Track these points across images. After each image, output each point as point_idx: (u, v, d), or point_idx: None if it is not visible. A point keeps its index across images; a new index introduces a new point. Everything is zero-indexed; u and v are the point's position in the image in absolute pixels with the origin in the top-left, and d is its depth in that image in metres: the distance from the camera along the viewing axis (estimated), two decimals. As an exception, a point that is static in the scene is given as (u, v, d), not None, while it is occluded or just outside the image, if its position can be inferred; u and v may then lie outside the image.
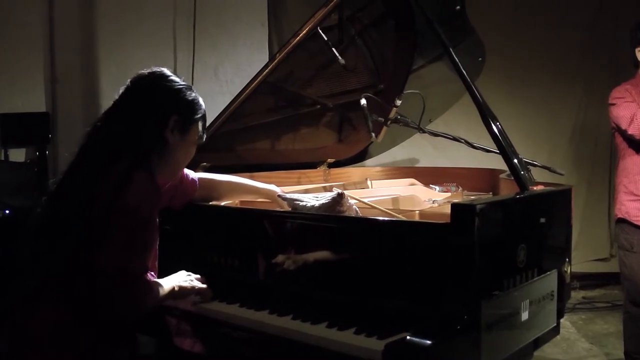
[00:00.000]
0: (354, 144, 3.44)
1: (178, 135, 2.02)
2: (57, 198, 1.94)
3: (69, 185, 1.93)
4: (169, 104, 2.01)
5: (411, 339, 1.61)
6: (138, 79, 2.05)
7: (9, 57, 4.41)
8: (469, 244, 1.68)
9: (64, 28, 4.56)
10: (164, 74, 2.06)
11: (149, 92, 2.02)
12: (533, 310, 1.94)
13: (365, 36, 3.11)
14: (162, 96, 2.02)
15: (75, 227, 1.82)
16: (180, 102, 2.04)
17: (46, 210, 1.94)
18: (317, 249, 2.00)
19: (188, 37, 4.65)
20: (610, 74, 5.07)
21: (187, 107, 2.05)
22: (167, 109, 2.01)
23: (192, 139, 2.08)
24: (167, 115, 2.00)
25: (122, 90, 2.04)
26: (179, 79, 2.08)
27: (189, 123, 2.05)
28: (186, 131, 2.05)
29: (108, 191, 1.82)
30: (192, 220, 2.40)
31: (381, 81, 3.18)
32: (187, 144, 2.08)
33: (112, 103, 2.03)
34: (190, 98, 2.06)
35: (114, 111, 2.02)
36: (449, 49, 2.40)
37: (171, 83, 2.04)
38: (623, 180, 3.46)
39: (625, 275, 3.49)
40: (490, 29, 4.27)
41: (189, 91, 2.07)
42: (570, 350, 4.21)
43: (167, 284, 2.02)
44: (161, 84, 2.03)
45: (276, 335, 1.88)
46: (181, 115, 2.02)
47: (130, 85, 2.03)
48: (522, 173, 2.18)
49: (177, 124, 2.01)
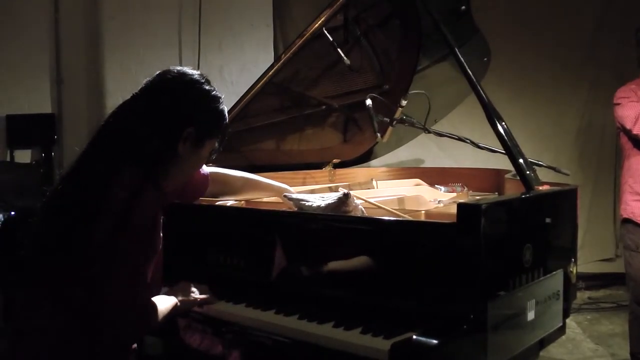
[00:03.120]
0: (359, 145, 3.44)
1: (190, 148, 1.87)
2: (59, 206, 1.80)
3: (72, 193, 1.78)
4: (190, 114, 1.85)
5: (417, 338, 1.61)
6: (165, 78, 1.87)
7: (15, 58, 4.43)
8: (475, 244, 1.68)
9: (69, 29, 4.58)
10: (195, 79, 1.89)
11: (172, 96, 1.85)
12: (539, 310, 1.94)
13: (371, 36, 3.11)
14: (186, 105, 1.85)
15: (78, 242, 1.70)
16: (203, 115, 1.88)
17: (49, 218, 1.80)
18: (323, 249, 2.00)
19: (193, 37, 4.67)
20: (615, 74, 5.05)
21: (210, 121, 1.90)
22: (187, 120, 1.84)
23: (205, 153, 1.94)
24: (184, 126, 1.84)
25: (146, 84, 1.88)
26: (210, 87, 1.91)
27: (206, 137, 1.90)
28: (201, 145, 1.90)
29: (117, 210, 1.70)
30: (198, 220, 2.41)
31: (386, 81, 3.18)
32: (197, 158, 1.94)
33: (131, 96, 1.87)
34: (217, 112, 1.91)
35: (131, 107, 1.85)
36: (455, 49, 2.40)
37: (201, 92, 1.88)
38: (628, 180, 3.46)
39: (631, 276, 3.48)
40: (495, 29, 4.26)
41: (216, 104, 1.91)
42: (576, 351, 4.20)
43: (168, 302, 1.95)
44: (188, 91, 1.87)
45: (282, 335, 1.87)
46: (200, 128, 1.86)
47: (155, 81, 1.88)
48: (527, 173, 2.18)
49: (191, 136, 1.85)
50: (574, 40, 5.36)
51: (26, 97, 4.46)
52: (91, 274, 1.71)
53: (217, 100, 1.92)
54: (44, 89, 4.54)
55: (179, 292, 2.03)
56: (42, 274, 1.78)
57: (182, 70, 1.90)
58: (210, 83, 1.93)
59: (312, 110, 3.25)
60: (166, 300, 1.96)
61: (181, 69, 1.91)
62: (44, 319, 1.75)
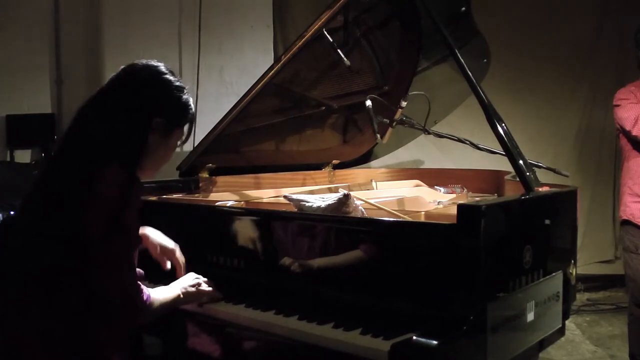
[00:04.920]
0: (359, 146, 3.45)
1: (159, 138, 1.91)
2: (42, 201, 1.82)
3: (53, 190, 1.81)
4: (157, 105, 1.89)
5: (417, 339, 1.61)
6: (131, 71, 1.92)
7: (15, 58, 4.43)
8: (475, 245, 1.69)
9: (69, 30, 4.59)
10: (159, 70, 1.93)
11: (138, 87, 1.89)
12: (538, 312, 1.94)
13: (371, 37, 3.11)
14: (152, 95, 1.90)
15: (67, 239, 1.74)
16: (169, 105, 1.92)
17: (31, 214, 1.83)
18: (323, 250, 2.00)
19: (193, 39, 4.67)
20: (615, 76, 5.07)
21: (176, 110, 1.94)
22: (155, 110, 1.88)
23: (173, 143, 1.97)
24: (153, 116, 1.88)
25: (112, 79, 1.92)
26: (174, 78, 1.95)
27: (174, 126, 1.94)
28: (169, 134, 1.94)
29: (104, 205, 1.73)
30: (198, 220, 2.41)
31: (386, 83, 3.18)
32: (165, 147, 1.96)
33: (97, 92, 1.91)
34: (181, 101, 1.94)
35: (100, 104, 1.89)
36: (455, 50, 2.40)
37: (164, 82, 1.92)
38: (628, 182, 3.46)
39: (630, 277, 3.48)
40: (495, 30, 4.27)
41: (180, 93, 1.94)
42: (575, 353, 4.20)
43: (171, 291, 1.99)
44: (152, 82, 1.91)
45: (282, 335, 1.88)
46: (167, 117, 1.91)
47: (121, 76, 1.91)
48: (527, 174, 2.18)
49: (160, 126, 1.89)
50: (574, 42, 5.37)
51: (26, 97, 4.46)
52: (86, 273, 1.74)
53: (182, 90, 1.95)
54: (44, 89, 4.54)
55: (183, 283, 2.05)
56: (31, 275, 1.78)
57: (147, 63, 1.95)
58: (174, 74, 1.97)
59: (312, 111, 3.26)
60: (167, 289, 1.99)
61: (146, 62, 1.95)
62: (35, 319, 1.76)
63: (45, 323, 1.76)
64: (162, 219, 2.48)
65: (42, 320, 1.76)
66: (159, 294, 1.94)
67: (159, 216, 2.50)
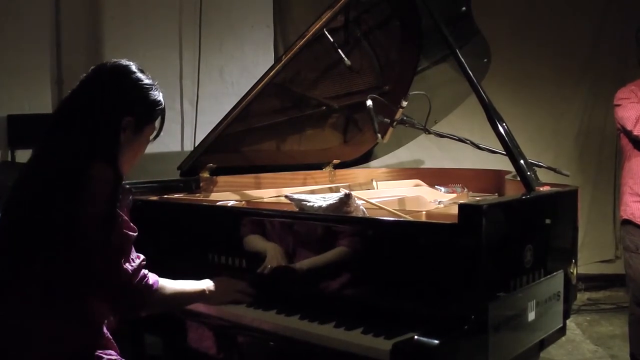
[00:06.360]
0: (359, 145, 3.45)
1: (131, 135, 1.92)
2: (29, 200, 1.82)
3: (40, 188, 1.81)
4: (125, 104, 1.90)
5: (419, 338, 1.61)
6: (99, 72, 1.94)
7: (16, 58, 4.42)
8: (476, 245, 1.69)
9: (70, 30, 4.58)
10: (128, 69, 1.94)
11: (106, 88, 1.90)
12: (539, 311, 1.94)
13: (371, 37, 3.11)
14: (120, 95, 1.90)
15: (61, 234, 1.75)
16: (137, 103, 1.93)
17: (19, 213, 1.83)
18: (324, 249, 2.00)
19: (194, 38, 4.66)
20: (615, 76, 5.06)
21: (145, 108, 1.95)
22: (124, 110, 1.89)
23: (145, 138, 1.99)
24: (122, 116, 1.89)
25: (82, 80, 1.94)
26: (143, 76, 1.96)
27: (144, 123, 1.95)
28: (140, 132, 1.95)
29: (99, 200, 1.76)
30: (200, 220, 2.41)
31: (387, 82, 3.18)
32: (139, 144, 1.97)
33: (70, 92, 1.94)
34: (150, 99, 1.95)
35: (73, 104, 1.92)
36: (455, 50, 2.40)
37: (132, 81, 1.93)
38: (628, 181, 3.46)
39: (631, 277, 3.48)
40: (495, 29, 4.26)
41: (149, 90, 1.95)
42: (576, 352, 4.20)
43: (193, 285, 2.02)
44: (120, 82, 1.92)
45: (284, 335, 1.88)
46: (137, 116, 1.92)
47: (90, 76, 1.93)
48: (528, 174, 2.18)
49: (131, 124, 1.91)
50: (574, 42, 5.36)
51: (27, 98, 4.45)
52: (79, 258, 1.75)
53: (151, 87, 1.96)
54: (44, 89, 4.53)
55: (214, 283, 2.07)
56: (25, 274, 1.79)
57: (116, 62, 1.96)
58: (144, 72, 1.97)
59: (312, 111, 3.26)
60: (190, 282, 2.02)
61: (115, 61, 1.96)
62: (30, 314, 1.77)
63: (42, 320, 1.76)
64: (163, 218, 2.48)
65: (40, 319, 1.76)
66: (173, 284, 1.96)
67: (160, 216, 2.51)
